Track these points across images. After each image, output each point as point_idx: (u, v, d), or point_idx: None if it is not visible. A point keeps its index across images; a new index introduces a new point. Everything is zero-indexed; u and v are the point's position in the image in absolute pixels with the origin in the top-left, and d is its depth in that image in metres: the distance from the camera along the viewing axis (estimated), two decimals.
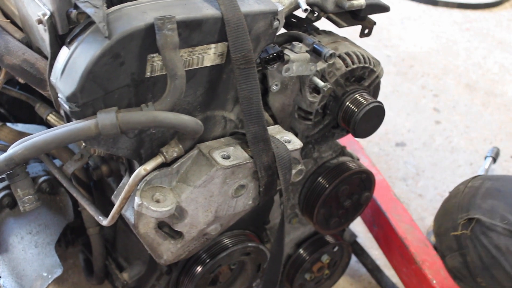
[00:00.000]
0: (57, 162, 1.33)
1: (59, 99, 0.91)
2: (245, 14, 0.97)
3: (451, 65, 3.33)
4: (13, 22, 1.13)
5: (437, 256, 1.62)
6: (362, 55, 1.24)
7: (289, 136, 1.14)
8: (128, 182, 1.00)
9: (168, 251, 1.11)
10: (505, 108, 2.96)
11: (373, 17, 1.30)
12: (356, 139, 1.97)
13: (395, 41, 3.51)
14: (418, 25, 3.78)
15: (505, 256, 1.40)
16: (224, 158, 1.04)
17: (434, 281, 1.56)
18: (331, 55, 1.14)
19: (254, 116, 1.04)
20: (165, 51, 0.88)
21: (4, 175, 0.98)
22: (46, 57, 1.02)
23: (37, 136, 0.89)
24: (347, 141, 1.91)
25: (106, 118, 0.88)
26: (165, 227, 1.08)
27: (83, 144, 1.01)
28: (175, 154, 1.03)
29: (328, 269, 1.67)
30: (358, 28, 1.29)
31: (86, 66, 0.85)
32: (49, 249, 1.35)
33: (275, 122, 1.23)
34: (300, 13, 1.24)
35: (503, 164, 2.55)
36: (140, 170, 0.99)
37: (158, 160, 1.02)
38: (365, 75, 1.27)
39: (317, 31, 1.30)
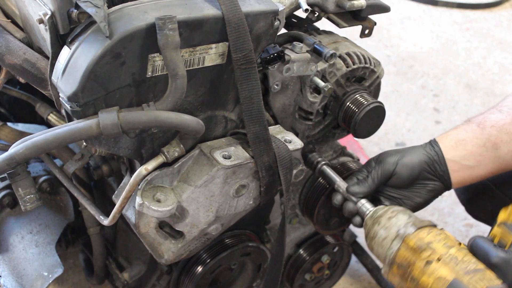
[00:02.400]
0: (58, 161, 1.33)
1: (60, 98, 0.91)
2: (246, 14, 0.97)
3: (451, 65, 3.33)
4: (14, 22, 1.13)
5: None
6: (363, 56, 1.24)
7: (290, 136, 1.14)
8: (129, 181, 1.00)
9: (169, 250, 1.11)
10: None
11: (373, 17, 1.30)
12: (356, 139, 1.97)
13: (395, 41, 3.51)
14: (418, 25, 3.78)
15: None
16: (225, 158, 1.04)
17: None
18: (332, 55, 1.14)
19: (255, 116, 1.04)
20: (166, 51, 0.88)
21: (5, 174, 0.98)
22: (47, 57, 1.02)
23: (39, 135, 0.89)
24: (347, 141, 1.91)
25: (108, 117, 0.88)
26: (166, 226, 1.08)
27: (84, 143, 1.01)
28: (176, 154, 1.03)
29: (328, 269, 1.67)
30: (358, 28, 1.29)
31: (87, 66, 0.85)
32: (49, 249, 1.35)
33: (276, 122, 1.23)
34: (300, 13, 1.24)
35: None
36: (141, 170, 0.99)
37: (159, 159, 1.02)
38: (365, 76, 1.27)
39: (318, 31, 1.30)
